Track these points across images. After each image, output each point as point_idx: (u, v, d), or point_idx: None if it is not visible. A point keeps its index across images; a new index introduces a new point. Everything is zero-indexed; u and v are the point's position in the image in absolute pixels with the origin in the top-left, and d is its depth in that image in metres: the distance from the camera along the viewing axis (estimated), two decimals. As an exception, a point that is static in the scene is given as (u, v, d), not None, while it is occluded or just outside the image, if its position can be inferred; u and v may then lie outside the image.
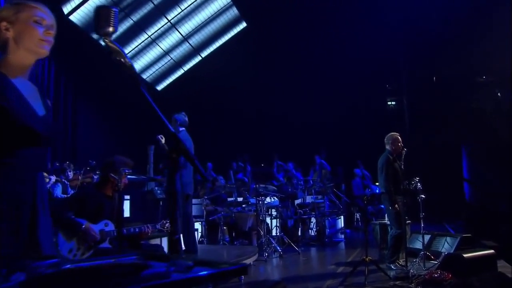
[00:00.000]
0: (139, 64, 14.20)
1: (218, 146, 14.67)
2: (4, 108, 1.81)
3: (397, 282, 5.48)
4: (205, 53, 15.82)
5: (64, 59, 12.17)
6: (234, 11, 15.03)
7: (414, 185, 6.19)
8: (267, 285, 4.16)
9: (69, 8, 11.79)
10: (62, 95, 12.63)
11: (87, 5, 11.88)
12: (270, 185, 9.00)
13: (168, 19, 13.73)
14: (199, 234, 8.53)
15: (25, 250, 1.86)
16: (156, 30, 13.82)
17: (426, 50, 13.64)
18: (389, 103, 15.85)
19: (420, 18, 13.05)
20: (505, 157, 9.92)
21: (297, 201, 10.31)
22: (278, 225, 8.74)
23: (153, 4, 13.03)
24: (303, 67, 15.31)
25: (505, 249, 6.08)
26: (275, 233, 8.84)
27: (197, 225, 8.73)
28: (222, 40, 15.79)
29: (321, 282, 5.80)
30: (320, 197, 10.23)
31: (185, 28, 14.38)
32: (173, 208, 2.21)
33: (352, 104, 14.45)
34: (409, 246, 6.97)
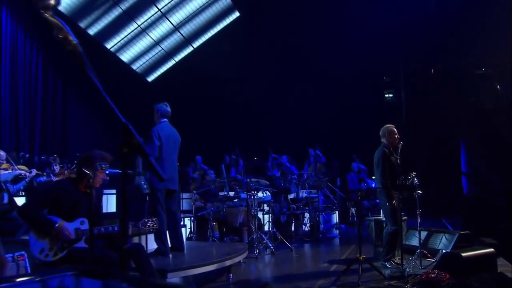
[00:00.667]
0: (129, 55, 13.95)
1: (211, 139, 14.51)
2: None
3: (392, 282, 5.33)
4: (197, 44, 15.60)
5: (52, 48, 11.90)
6: (227, 0, 14.78)
7: (411, 180, 5.99)
8: (255, 287, 3.94)
9: (55, -4, 11.49)
10: (51, 86, 12.37)
11: (74, -7, 11.62)
12: (263, 179, 8.80)
13: (158, 8, 13.49)
14: (188, 230, 8.36)
15: None
16: (146, 20, 13.57)
17: (425, 42, 13.50)
18: (387, 96, 15.64)
19: (419, 9, 12.90)
20: (504, 151, 9.87)
21: (291, 196, 10.17)
22: (271, 221, 8.55)
23: (143, -8, 12.79)
24: (298, 58, 15.17)
25: (505, 247, 5.92)
26: (268, 229, 8.67)
27: (186, 221, 8.61)
28: (215, 30, 15.56)
29: (313, 282, 5.65)
30: (314, 192, 10.07)
31: (176, 18, 14.14)
32: (124, 209, 1.95)
33: (349, 97, 14.33)
34: (405, 243, 6.85)
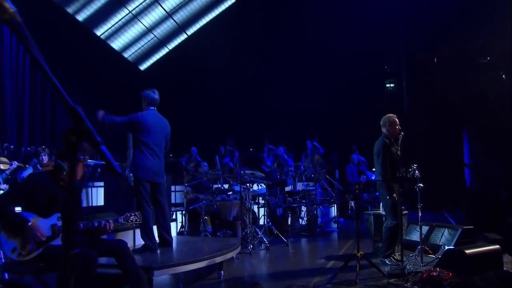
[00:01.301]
0: (120, 42, 13.69)
1: (206, 130, 14.32)
2: None
3: (392, 280, 5.14)
4: (191, 31, 15.35)
5: (41, 36, 11.61)
6: (222, -14, 14.55)
7: (412, 173, 5.81)
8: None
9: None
10: (40, 75, 12.11)
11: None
12: (258, 171, 8.61)
13: (151, -7, 13.22)
14: (179, 225, 8.17)
15: None
16: (138, 5, 13.31)
17: (427, 30, 13.36)
18: (388, 86, 15.63)
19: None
20: (509, 142, 9.71)
21: (287, 189, 10.00)
22: (266, 215, 8.38)
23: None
24: (296, 45, 14.98)
25: (510, 243, 5.72)
26: (263, 223, 8.52)
27: (178, 215, 8.43)
28: (209, 17, 15.30)
29: (309, 279, 5.47)
30: (312, 184, 9.90)
31: (169, 4, 13.91)
32: (68, 207, 1.71)
33: (348, 86, 14.20)
34: (406, 239, 6.71)
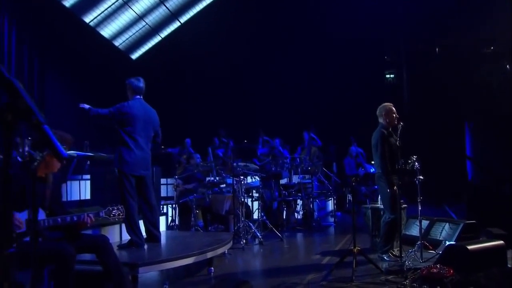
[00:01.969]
0: (110, 30, 13.43)
1: (200, 120, 14.17)
2: None
3: (390, 277, 5.02)
4: (184, 19, 15.07)
5: (26, 22, 11.38)
6: (216, -29, 14.31)
7: (412, 165, 5.66)
8: (231, 286, 3.59)
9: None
10: (26, 65, 11.88)
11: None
12: (251, 164, 8.48)
13: (142, -22, 12.97)
14: (169, 219, 8.06)
15: None
16: (128, -9, 13.04)
17: (429, 18, 13.21)
18: (387, 76, 15.48)
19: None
20: (512, 135, 9.63)
21: (282, 181, 9.93)
22: (260, 208, 8.26)
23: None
24: (293, 33, 14.84)
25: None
26: (257, 217, 8.41)
27: (168, 209, 8.33)
28: (203, 4, 15.03)
29: (303, 276, 5.34)
30: (308, 177, 9.80)
31: (162, -11, 13.63)
32: (4, 201, 1.50)
33: (347, 77, 14.07)
34: (405, 233, 6.62)
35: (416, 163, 5.68)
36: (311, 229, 8.99)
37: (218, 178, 8.69)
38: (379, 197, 6.38)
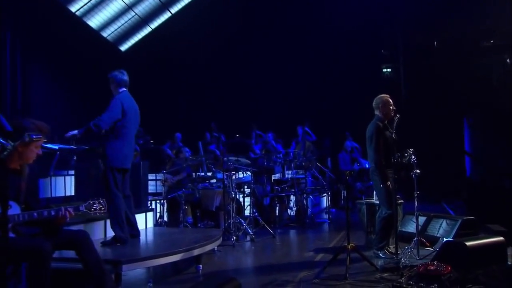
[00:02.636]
0: (98, 20, 13.26)
1: (192, 115, 14.09)
2: None
3: (385, 275, 4.95)
4: (175, 9, 14.93)
5: (9, 10, 11.21)
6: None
7: (408, 158, 5.59)
8: (217, 283, 3.49)
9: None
10: (8, 55, 11.71)
11: None
12: (243, 158, 8.42)
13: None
14: (157, 215, 7.97)
15: None
16: (117, -20, 12.90)
17: (427, 11, 13.18)
18: (384, 71, 15.49)
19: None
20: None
21: (275, 177, 9.94)
22: (251, 204, 8.25)
23: None
24: (287, 26, 14.71)
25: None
26: (248, 214, 8.40)
27: (157, 204, 8.27)
28: (195, -7, 14.88)
29: (295, 274, 5.27)
30: (302, 172, 9.78)
31: (151, -22, 13.52)
32: None
33: (342, 71, 14.03)
34: (401, 230, 6.62)
35: (413, 157, 5.62)
36: (305, 226, 8.98)
37: (210, 174, 8.64)
38: (374, 193, 6.32)
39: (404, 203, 6.90)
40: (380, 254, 5.77)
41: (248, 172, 8.37)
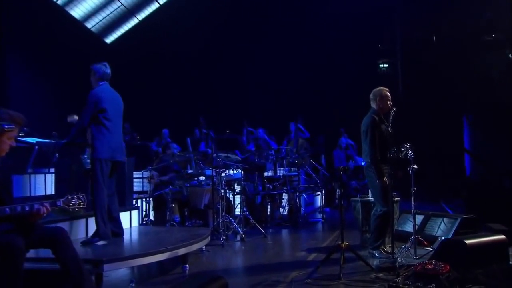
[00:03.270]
0: (81, 10, 13.16)
1: (180, 111, 14.02)
2: None
3: (381, 275, 4.91)
4: (163, 0, 14.86)
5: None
6: None
7: (404, 153, 5.55)
8: (202, 282, 3.41)
9: None
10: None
11: None
12: (233, 155, 8.38)
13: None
14: (143, 213, 7.92)
15: None
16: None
17: (425, 4, 13.25)
18: (381, 66, 15.56)
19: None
20: (512, 127, 9.67)
21: (266, 174, 9.91)
22: (242, 203, 8.25)
23: None
24: (280, 19, 14.77)
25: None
26: (239, 212, 8.36)
27: (142, 203, 8.15)
28: (184, -17, 14.83)
29: (286, 274, 5.23)
30: (294, 170, 9.81)
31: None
32: None
33: (338, 66, 14.07)
34: (397, 229, 6.59)
35: (410, 151, 5.59)
36: (297, 226, 8.96)
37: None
38: (370, 189, 6.27)
39: (401, 203, 6.82)
40: (376, 254, 5.72)
41: (239, 169, 8.33)
